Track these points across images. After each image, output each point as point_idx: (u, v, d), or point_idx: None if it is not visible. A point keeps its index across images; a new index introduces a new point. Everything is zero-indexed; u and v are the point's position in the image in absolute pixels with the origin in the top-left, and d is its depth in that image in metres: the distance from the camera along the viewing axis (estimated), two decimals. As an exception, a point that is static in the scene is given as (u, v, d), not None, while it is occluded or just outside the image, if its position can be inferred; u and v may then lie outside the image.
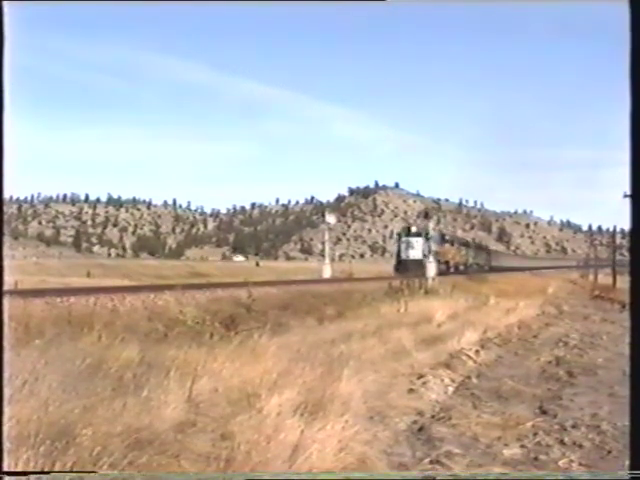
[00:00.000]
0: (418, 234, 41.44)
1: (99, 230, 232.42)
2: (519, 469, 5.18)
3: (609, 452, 5.72)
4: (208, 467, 4.06)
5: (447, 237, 51.80)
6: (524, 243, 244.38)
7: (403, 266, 38.64)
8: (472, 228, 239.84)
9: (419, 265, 36.44)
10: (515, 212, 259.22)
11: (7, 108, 3.92)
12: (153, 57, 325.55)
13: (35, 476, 3.48)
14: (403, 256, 40.60)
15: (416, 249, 40.10)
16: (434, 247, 40.88)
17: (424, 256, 38.13)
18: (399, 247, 42.16)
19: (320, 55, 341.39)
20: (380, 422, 6.05)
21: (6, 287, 4.09)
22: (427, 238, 40.67)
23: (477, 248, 64.94)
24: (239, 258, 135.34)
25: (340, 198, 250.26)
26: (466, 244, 59.99)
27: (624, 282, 27.61)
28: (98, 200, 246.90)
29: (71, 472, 3.53)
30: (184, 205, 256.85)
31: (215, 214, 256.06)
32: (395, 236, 48.18)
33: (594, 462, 5.45)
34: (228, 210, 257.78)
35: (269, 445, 4.33)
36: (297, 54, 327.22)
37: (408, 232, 42.85)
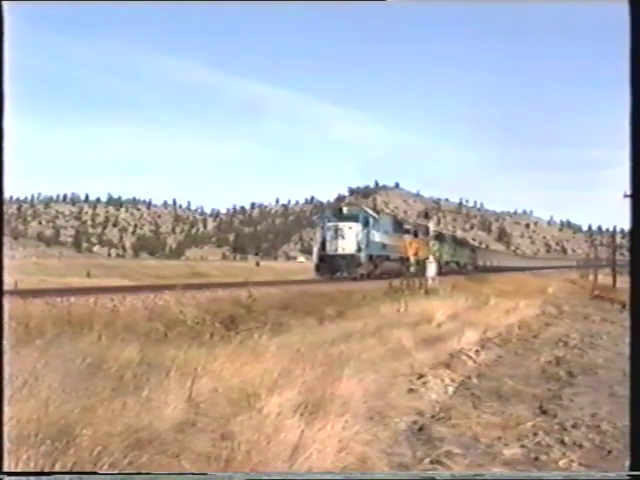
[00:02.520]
0: (353, 217, 29.27)
1: (99, 230, 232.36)
2: (519, 469, 5.17)
3: (609, 452, 5.72)
4: (208, 467, 4.06)
5: (408, 226, 39.82)
6: (524, 243, 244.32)
7: (328, 264, 28.06)
8: (472, 228, 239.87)
9: (351, 263, 27.78)
10: (515, 212, 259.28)
11: (7, 108, 3.92)
12: (153, 57, 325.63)
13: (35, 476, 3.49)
14: (328, 249, 28.50)
15: (347, 239, 28.31)
16: (379, 238, 30.93)
17: (359, 249, 28.06)
18: (323, 236, 29.18)
19: (320, 55, 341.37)
20: (380, 422, 6.04)
21: (6, 287, 4.10)
22: (366, 224, 29.21)
23: (457, 243, 54.93)
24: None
25: (340, 198, 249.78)
26: (439, 237, 47.43)
27: (624, 282, 27.60)
28: (98, 200, 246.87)
29: (71, 473, 3.53)
30: (184, 205, 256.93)
31: (215, 214, 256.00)
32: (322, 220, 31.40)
33: (594, 462, 5.44)
34: (228, 210, 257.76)
35: (269, 445, 4.33)
36: (297, 54, 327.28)
37: (340, 214, 29.77)
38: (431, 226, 37.46)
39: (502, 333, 14.58)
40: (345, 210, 30.55)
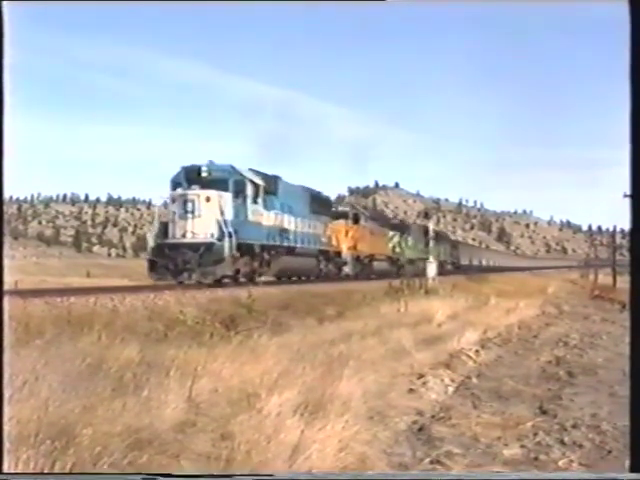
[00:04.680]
0: (218, 182, 18.36)
1: (99, 230, 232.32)
2: (519, 469, 5.17)
3: (609, 452, 5.72)
4: (208, 467, 4.07)
5: (344, 208, 30.04)
6: (524, 243, 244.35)
7: (168, 259, 17.35)
8: (472, 228, 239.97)
9: (206, 258, 17.09)
10: (515, 212, 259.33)
11: (7, 108, 3.92)
12: (153, 57, 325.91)
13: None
14: (171, 234, 18.00)
15: (203, 218, 17.71)
16: (273, 218, 20.38)
17: (222, 235, 17.40)
18: (170, 214, 18.64)
19: (320, 55, 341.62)
20: (380, 422, 6.04)
21: (6, 287, 4.10)
22: (239, 193, 18.61)
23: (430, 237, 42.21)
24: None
25: (340, 198, 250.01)
26: (400, 227, 37.31)
27: (624, 282, 27.60)
28: (98, 200, 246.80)
29: (71, 473, 3.53)
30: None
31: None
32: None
33: (594, 462, 5.44)
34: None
35: (269, 445, 4.32)
36: (297, 54, 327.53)
37: (198, 178, 18.57)
38: (431, 226, 35.60)
39: (502, 333, 14.57)
40: (205, 171, 18.60)
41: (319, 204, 25.54)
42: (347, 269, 27.17)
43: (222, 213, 17.91)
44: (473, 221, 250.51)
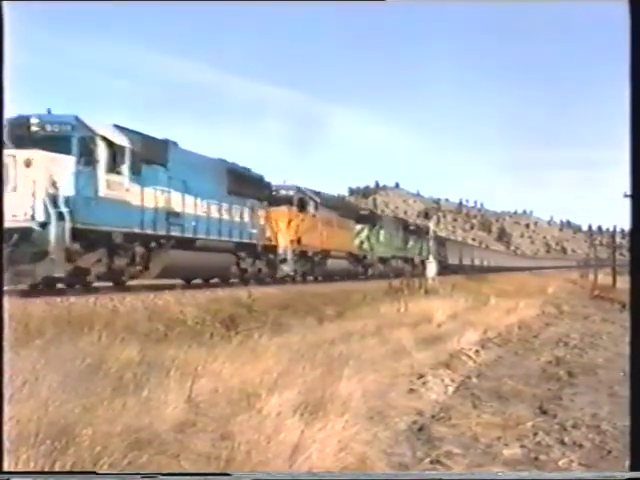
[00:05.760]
0: (59, 140, 12.76)
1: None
2: (519, 469, 5.17)
3: (609, 452, 5.72)
4: (208, 467, 4.06)
5: (288, 192, 23.51)
6: (524, 243, 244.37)
7: None
8: (472, 228, 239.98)
9: (25, 249, 11.54)
10: (515, 212, 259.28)
11: (7, 107, 3.92)
12: (153, 57, 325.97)
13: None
14: None
15: (22, 191, 11.69)
16: (151, 196, 14.88)
17: (48, 218, 11.96)
18: None
19: (320, 55, 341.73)
20: (380, 422, 6.05)
21: (6, 287, 4.10)
22: (84, 155, 13.02)
23: (410, 232, 37.65)
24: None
25: (340, 198, 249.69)
26: (371, 218, 32.12)
27: (624, 282, 27.57)
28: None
29: (71, 473, 3.53)
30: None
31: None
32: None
33: (594, 462, 5.44)
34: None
35: (269, 445, 4.32)
36: (297, 53, 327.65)
37: (28, 133, 12.60)
38: (431, 225, 35.25)
39: (502, 333, 14.58)
40: (36, 124, 12.96)
41: (244, 184, 19.49)
42: (286, 268, 21.74)
43: (53, 184, 12.37)
44: (473, 221, 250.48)
